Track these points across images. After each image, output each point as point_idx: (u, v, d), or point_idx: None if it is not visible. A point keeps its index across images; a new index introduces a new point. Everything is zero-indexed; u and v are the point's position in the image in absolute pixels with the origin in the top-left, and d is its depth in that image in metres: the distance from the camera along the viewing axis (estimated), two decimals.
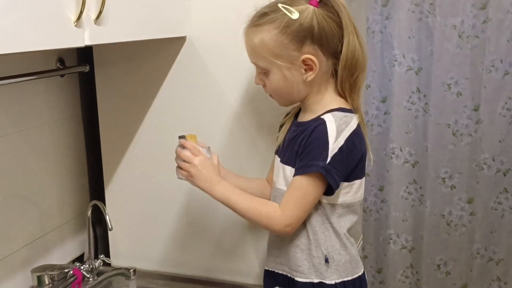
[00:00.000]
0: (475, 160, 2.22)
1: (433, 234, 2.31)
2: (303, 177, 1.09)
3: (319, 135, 1.07)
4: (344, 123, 1.08)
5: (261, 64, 1.12)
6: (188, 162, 1.16)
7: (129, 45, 1.41)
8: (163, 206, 1.50)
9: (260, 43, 1.09)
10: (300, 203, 1.10)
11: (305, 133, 1.10)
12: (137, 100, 1.47)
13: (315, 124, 1.09)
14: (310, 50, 1.08)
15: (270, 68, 1.11)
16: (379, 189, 2.38)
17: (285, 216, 1.11)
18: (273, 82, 1.13)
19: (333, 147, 1.06)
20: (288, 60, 1.09)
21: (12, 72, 1.24)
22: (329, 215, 1.14)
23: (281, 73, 1.10)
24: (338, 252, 1.15)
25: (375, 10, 2.20)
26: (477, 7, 2.08)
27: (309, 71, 1.10)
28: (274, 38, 1.08)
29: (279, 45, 1.08)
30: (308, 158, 1.08)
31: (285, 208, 1.11)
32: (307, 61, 1.08)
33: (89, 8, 0.98)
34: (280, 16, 1.07)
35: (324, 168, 1.06)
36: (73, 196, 1.58)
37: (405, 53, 2.20)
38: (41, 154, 1.44)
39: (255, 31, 1.10)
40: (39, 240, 1.44)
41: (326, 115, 1.10)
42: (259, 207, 1.14)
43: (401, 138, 2.28)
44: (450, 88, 2.16)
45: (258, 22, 1.10)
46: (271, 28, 1.08)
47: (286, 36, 1.07)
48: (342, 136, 1.07)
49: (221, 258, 1.48)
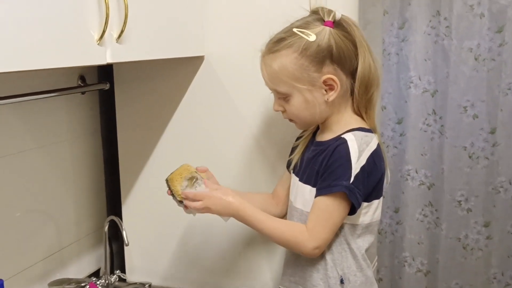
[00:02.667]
0: (491, 183, 2.20)
1: (448, 258, 2.28)
2: (327, 198, 1.08)
3: (341, 155, 1.07)
4: (365, 143, 1.09)
5: (282, 90, 1.12)
6: (201, 208, 1.14)
7: (148, 64, 1.44)
8: (179, 223, 1.51)
9: (279, 69, 1.10)
10: (327, 224, 1.09)
11: (326, 152, 1.10)
12: (155, 118, 1.49)
13: (336, 143, 1.09)
14: (330, 70, 1.09)
15: (291, 93, 1.11)
16: (395, 211, 2.36)
17: (313, 239, 1.09)
18: (295, 106, 1.12)
19: (355, 166, 1.06)
20: (309, 82, 1.09)
21: (34, 88, 1.27)
22: (347, 236, 1.14)
23: (303, 97, 1.10)
24: (354, 274, 1.15)
25: (391, 32, 2.22)
26: (493, 30, 2.08)
27: (330, 91, 1.10)
28: (293, 62, 1.08)
29: (299, 68, 1.08)
30: (331, 178, 1.08)
31: (313, 231, 1.10)
32: (328, 81, 1.09)
33: (111, 27, 1.01)
34: (297, 39, 1.08)
35: (347, 187, 1.05)
36: (91, 212, 1.59)
37: (421, 75, 2.20)
38: (60, 170, 1.46)
39: (273, 57, 1.11)
40: (57, 255, 1.46)
41: (346, 134, 1.10)
42: (285, 229, 1.13)
43: (416, 160, 2.27)
44: (466, 111, 2.16)
45: (276, 48, 1.11)
46: (290, 52, 1.08)
47: (305, 58, 1.08)
48: (363, 155, 1.07)
49: (235, 276, 1.48)
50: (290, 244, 1.14)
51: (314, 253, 1.11)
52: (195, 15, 1.35)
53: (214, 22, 1.38)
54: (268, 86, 1.15)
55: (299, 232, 1.11)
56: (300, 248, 1.12)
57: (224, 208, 1.14)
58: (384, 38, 2.20)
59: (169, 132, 1.48)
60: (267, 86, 1.15)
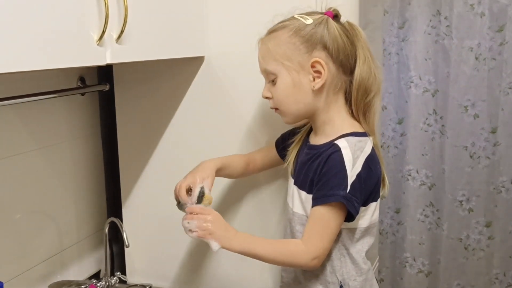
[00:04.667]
0: (493, 183, 2.19)
1: (450, 258, 2.27)
2: (323, 207, 1.06)
3: (335, 163, 1.06)
4: (358, 149, 1.07)
5: (270, 68, 1.11)
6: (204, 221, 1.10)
7: (148, 64, 1.43)
8: (179, 224, 1.50)
9: (272, 46, 1.11)
10: (324, 233, 1.07)
11: (320, 160, 1.09)
12: (155, 119, 1.49)
13: (329, 151, 1.08)
14: (321, 55, 1.08)
15: (279, 72, 1.10)
16: (396, 212, 2.36)
17: (310, 250, 1.07)
18: (281, 89, 1.11)
19: (351, 174, 1.04)
20: (298, 62, 1.09)
21: (34, 90, 1.27)
22: (346, 241, 1.13)
23: (290, 77, 1.10)
24: (354, 279, 1.14)
25: (392, 32, 2.22)
26: (494, 30, 2.08)
27: (317, 79, 1.09)
28: (286, 40, 1.09)
29: (291, 46, 1.09)
30: (326, 188, 1.06)
31: (308, 242, 1.08)
32: (315, 66, 1.08)
33: (111, 27, 1.00)
34: (294, 21, 1.10)
35: (345, 197, 1.04)
36: (91, 213, 1.59)
37: (421, 75, 2.20)
38: (60, 171, 1.46)
39: (269, 37, 1.13)
40: (57, 256, 1.45)
41: (339, 140, 1.09)
42: (281, 248, 1.11)
43: (417, 160, 2.27)
44: (467, 110, 2.16)
45: (273, 29, 1.13)
46: (285, 32, 1.10)
47: (298, 38, 1.08)
48: (358, 162, 1.06)
49: (236, 278, 1.48)
50: (288, 261, 1.11)
51: (313, 264, 1.08)
52: (195, 15, 1.35)
53: (214, 22, 1.37)
54: (260, 68, 1.15)
55: (294, 245, 1.10)
56: (299, 262, 1.09)
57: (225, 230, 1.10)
58: (384, 37, 2.20)
59: (170, 133, 1.48)
60: (260, 69, 1.15)
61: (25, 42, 0.83)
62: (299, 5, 1.15)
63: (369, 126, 1.13)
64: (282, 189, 1.35)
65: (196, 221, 1.10)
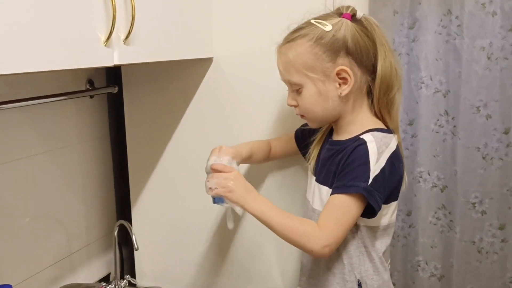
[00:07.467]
0: (506, 184, 2.16)
1: (463, 262, 2.24)
2: (344, 196, 1.04)
3: (359, 155, 1.04)
4: (384, 144, 1.06)
5: (294, 79, 1.10)
6: (225, 178, 1.09)
7: (156, 66, 1.43)
8: (188, 227, 1.50)
9: (293, 57, 1.08)
10: (340, 222, 1.04)
11: (344, 152, 1.08)
12: (164, 121, 1.48)
13: (355, 144, 1.06)
14: (345, 62, 1.06)
15: (304, 83, 1.09)
16: (407, 214, 2.33)
17: (325, 236, 1.03)
18: (307, 99, 1.10)
19: (374, 168, 1.03)
20: (323, 72, 1.07)
21: (43, 92, 1.27)
22: (365, 239, 1.11)
23: (315, 88, 1.08)
24: (371, 277, 1.13)
25: (402, 32, 2.19)
26: (506, 29, 2.05)
27: (343, 85, 1.08)
28: (308, 50, 1.07)
29: (313, 57, 1.07)
30: (348, 178, 1.04)
31: (325, 227, 1.04)
32: (341, 74, 1.07)
33: (118, 28, 1.00)
34: (313, 29, 1.07)
35: (365, 189, 1.02)
36: (100, 216, 1.59)
37: (432, 75, 2.17)
38: (69, 174, 1.46)
39: (289, 47, 1.10)
40: (66, 260, 1.45)
41: (365, 135, 1.07)
42: (297, 224, 1.06)
43: (429, 162, 2.24)
44: (479, 111, 2.13)
45: (292, 37, 1.10)
46: (305, 41, 1.07)
47: (320, 47, 1.06)
48: (383, 157, 1.04)
49: (246, 281, 1.46)
50: (299, 241, 1.05)
51: (323, 252, 1.04)
52: (203, 16, 1.34)
53: (222, 23, 1.37)
54: (282, 78, 1.13)
55: (312, 228, 1.05)
56: (311, 245, 1.04)
57: (246, 190, 1.08)
58: (394, 38, 2.18)
59: (178, 135, 1.47)
60: (282, 78, 1.13)
61: (32, 43, 0.82)
62: (308, 4, 1.14)
63: (393, 123, 1.12)
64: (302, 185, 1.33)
65: (216, 179, 1.09)
